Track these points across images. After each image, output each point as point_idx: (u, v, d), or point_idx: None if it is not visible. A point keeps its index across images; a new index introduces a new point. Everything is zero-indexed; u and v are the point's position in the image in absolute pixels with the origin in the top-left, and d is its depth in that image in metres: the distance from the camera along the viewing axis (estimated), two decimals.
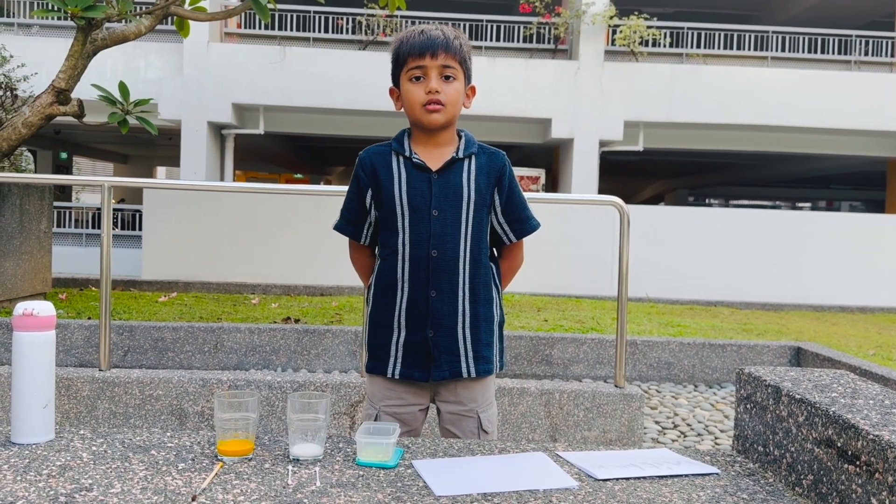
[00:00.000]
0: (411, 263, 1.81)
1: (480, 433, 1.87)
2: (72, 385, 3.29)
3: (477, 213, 1.82)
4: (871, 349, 5.43)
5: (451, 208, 1.80)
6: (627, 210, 3.44)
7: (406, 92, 1.82)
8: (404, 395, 1.85)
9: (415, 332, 1.82)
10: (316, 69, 10.99)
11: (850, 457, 1.27)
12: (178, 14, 5.41)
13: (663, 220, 9.10)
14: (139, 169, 22.48)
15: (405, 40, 1.82)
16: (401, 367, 1.83)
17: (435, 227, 1.79)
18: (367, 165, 1.86)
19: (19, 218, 5.75)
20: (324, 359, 4.55)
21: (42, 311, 1.52)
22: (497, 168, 1.87)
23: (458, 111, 1.84)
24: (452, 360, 1.82)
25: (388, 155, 1.86)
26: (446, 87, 1.79)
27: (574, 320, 6.02)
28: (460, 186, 1.82)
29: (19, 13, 11.77)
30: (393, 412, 1.84)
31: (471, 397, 1.86)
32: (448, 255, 1.80)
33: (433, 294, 1.80)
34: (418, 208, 1.80)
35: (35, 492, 1.28)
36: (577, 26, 11.36)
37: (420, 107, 1.79)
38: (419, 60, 1.79)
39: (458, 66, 1.82)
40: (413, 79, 1.80)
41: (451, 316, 1.81)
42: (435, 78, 1.79)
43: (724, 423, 3.79)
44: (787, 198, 28.54)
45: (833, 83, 11.57)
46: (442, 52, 1.78)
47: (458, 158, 1.84)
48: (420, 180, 1.81)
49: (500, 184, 1.87)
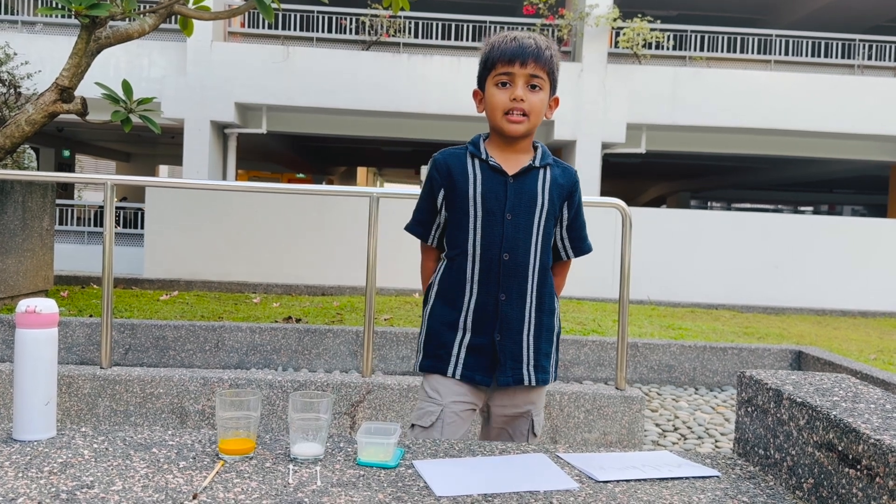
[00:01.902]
0: (482, 265, 1.80)
1: (530, 435, 1.89)
2: (73, 383, 3.29)
3: (547, 222, 1.83)
4: (873, 353, 5.42)
5: (524, 213, 1.80)
6: (629, 212, 3.45)
7: (490, 96, 1.82)
8: (469, 394, 1.84)
9: (481, 335, 1.81)
10: (319, 69, 11.00)
11: (851, 461, 1.27)
12: (182, 13, 5.42)
13: (665, 222, 9.09)
14: (142, 167, 22.52)
15: (497, 45, 1.82)
16: (462, 368, 1.82)
17: (508, 231, 1.79)
18: (442, 166, 1.86)
19: (22, 215, 5.76)
20: (325, 358, 4.55)
21: (45, 309, 1.52)
22: (570, 183, 1.89)
23: (540, 121, 1.84)
24: (516, 367, 1.82)
25: (463, 157, 1.86)
26: (531, 97, 1.79)
27: (575, 322, 6.02)
28: (535, 193, 1.81)
29: (23, 11, 11.79)
30: (459, 410, 1.83)
31: (528, 399, 1.88)
32: (519, 259, 1.80)
33: (503, 298, 1.80)
34: (492, 210, 1.80)
35: (36, 489, 1.29)
36: (581, 28, 11.37)
37: (502, 113, 1.79)
38: (508, 67, 1.78)
39: (545, 76, 1.80)
40: (499, 84, 1.80)
41: (519, 321, 1.81)
42: (521, 86, 1.78)
43: (725, 427, 3.79)
44: (790, 201, 28.53)
45: (836, 87, 11.57)
46: (532, 61, 1.77)
47: (535, 167, 1.84)
48: (496, 183, 1.81)
49: (571, 199, 1.89)
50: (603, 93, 11.37)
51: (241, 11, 5.81)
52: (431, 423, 1.81)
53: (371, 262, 3.45)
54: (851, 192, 24.44)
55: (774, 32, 12.44)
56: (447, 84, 10.97)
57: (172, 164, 22.30)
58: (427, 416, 1.83)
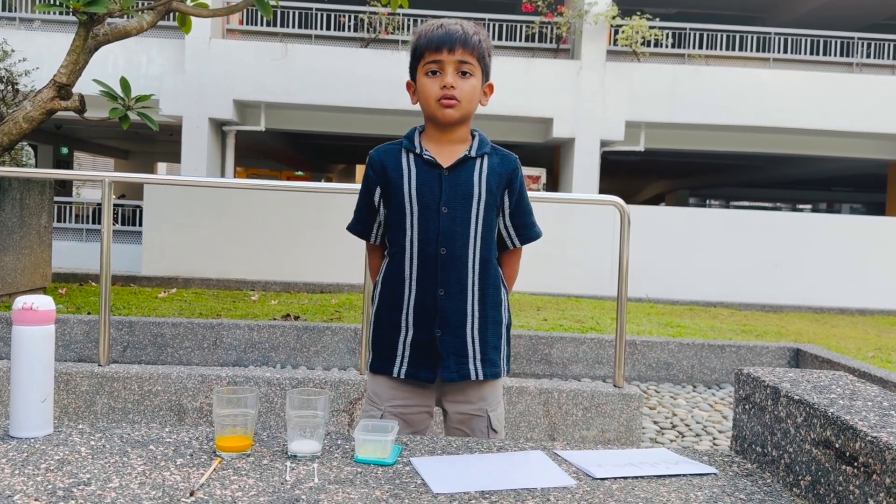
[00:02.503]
0: (419, 261, 1.78)
1: (490, 433, 1.85)
2: (71, 380, 3.29)
3: (487, 212, 1.80)
4: (871, 351, 5.43)
5: (460, 206, 1.78)
6: (628, 210, 3.45)
7: (422, 86, 1.80)
8: (410, 395, 1.83)
9: (422, 331, 1.79)
10: (318, 66, 10.98)
11: (848, 458, 1.27)
12: (181, 10, 5.41)
13: (664, 220, 9.10)
14: (140, 165, 22.48)
15: (423, 34, 1.80)
16: (407, 366, 1.80)
17: (444, 225, 1.77)
18: (377, 163, 1.84)
19: (19, 212, 5.75)
20: (323, 356, 4.55)
21: (41, 306, 1.52)
22: (509, 170, 1.85)
23: (474, 108, 1.81)
24: (461, 362, 1.79)
25: (398, 152, 1.83)
26: (462, 83, 1.77)
27: (574, 320, 6.02)
28: (471, 185, 1.79)
29: (21, 8, 11.76)
30: (399, 412, 1.81)
31: (480, 396, 1.84)
32: (457, 253, 1.78)
33: (441, 293, 1.78)
34: (427, 205, 1.77)
35: (33, 485, 1.28)
36: (580, 26, 11.36)
37: (435, 101, 1.77)
38: (436, 55, 1.76)
39: (475, 62, 1.78)
40: (429, 73, 1.78)
41: (460, 315, 1.79)
42: (451, 73, 1.76)
43: (723, 424, 3.80)
44: (788, 199, 28.54)
45: (835, 85, 11.57)
46: (460, 47, 1.75)
47: (471, 157, 1.81)
48: (430, 177, 1.79)
49: (511, 186, 1.85)
50: (602, 91, 11.37)
51: (239, 9, 5.80)
52: None
53: None
54: (850, 190, 24.44)
55: (773, 30, 12.44)
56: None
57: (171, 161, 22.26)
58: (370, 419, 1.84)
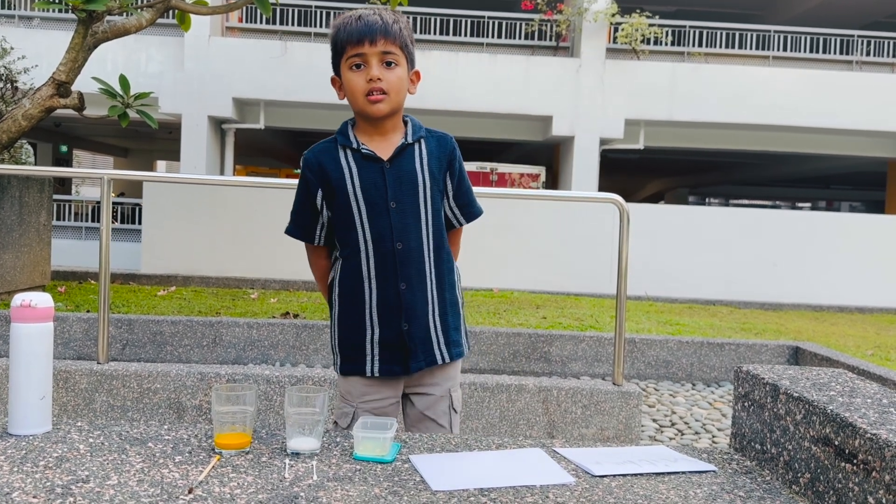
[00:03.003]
0: (376, 259, 1.76)
1: (451, 413, 1.87)
2: (70, 378, 3.29)
3: (433, 198, 1.79)
4: (870, 349, 5.43)
5: (408, 198, 1.76)
6: (627, 208, 3.44)
7: (347, 81, 1.74)
8: (382, 388, 1.83)
9: (389, 328, 1.78)
10: (317, 64, 10.96)
11: (848, 455, 1.27)
12: (180, 8, 5.40)
13: (663, 218, 9.10)
14: (139, 162, 22.47)
15: (342, 27, 1.74)
16: (380, 363, 1.79)
17: (395, 220, 1.75)
18: (314, 164, 1.79)
19: (19, 210, 5.75)
20: (322, 354, 4.55)
21: (40, 303, 1.52)
22: (448, 152, 1.83)
23: (403, 98, 1.77)
24: (427, 350, 1.80)
25: (334, 150, 1.78)
26: (388, 74, 1.72)
27: (573, 318, 6.02)
28: (414, 173, 1.76)
29: (20, 5, 11.75)
30: (371, 407, 1.82)
31: (446, 377, 1.86)
32: (412, 245, 1.76)
33: (403, 286, 1.76)
34: (374, 202, 1.74)
35: (31, 483, 1.28)
36: (579, 24, 11.35)
37: (363, 96, 1.72)
38: (358, 48, 1.71)
39: (399, 51, 1.73)
40: (353, 67, 1.72)
41: (423, 306, 1.79)
42: (376, 65, 1.71)
43: (722, 422, 3.80)
44: (787, 198, 28.55)
45: (834, 83, 11.56)
46: (381, 37, 1.70)
47: (408, 144, 1.78)
48: (372, 171, 1.75)
49: (452, 168, 1.83)
50: (601, 88, 11.36)
51: (238, 6, 5.79)
52: (348, 424, 1.81)
53: None
54: (849, 188, 24.46)
55: (773, 28, 12.43)
56: (445, 79, 10.95)
57: (170, 159, 22.25)
58: (344, 418, 1.84)
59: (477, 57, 11.48)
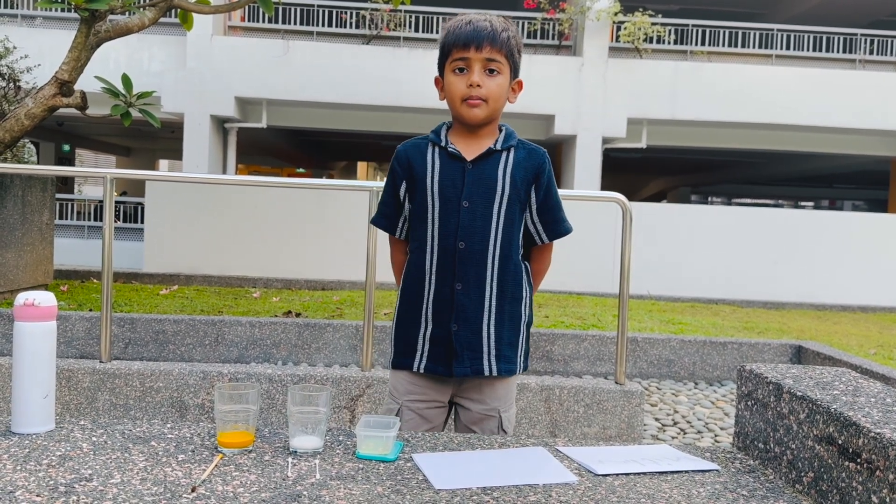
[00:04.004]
0: (439, 255, 1.77)
1: (501, 434, 1.83)
2: (73, 376, 3.29)
3: (510, 207, 1.77)
4: (873, 348, 5.42)
5: (481, 200, 1.76)
6: (630, 207, 3.44)
7: (448, 84, 1.78)
8: (427, 390, 1.82)
9: (440, 326, 1.78)
10: (319, 63, 10.97)
11: (851, 454, 1.27)
12: (182, 7, 5.40)
13: (666, 217, 9.09)
14: (141, 161, 22.49)
15: (452, 30, 1.77)
16: (426, 361, 1.79)
17: (464, 219, 1.75)
18: (403, 158, 1.83)
19: (21, 209, 5.76)
20: (324, 353, 4.56)
21: (43, 302, 1.52)
22: (536, 165, 1.82)
23: (501, 106, 1.78)
24: (475, 357, 1.77)
25: (424, 147, 1.82)
26: (489, 82, 1.74)
27: (575, 317, 6.02)
28: (494, 178, 1.77)
29: (23, 4, 11.75)
30: (416, 408, 1.81)
31: (494, 396, 1.82)
32: (475, 247, 1.75)
33: (458, 287, 1.76)
34: (448, 199, 1.76)
35: (35, 481, 1.28)
36: (582, 22, 11.33)
37: (460, 100, 1.75)
38: (463, 52, 1.73)
39: (503, 59, 1.75)
40: (456, 70, 1.75)
41: (477, 311, 1.77)
42: (478, 71, 1.73)
43: (724, 421, 3.79)
44: (790, 196, 28.49)
45: (837, 82, 11.54)
46: (487, 44, 1.72)
47: (496, 150, 1.79)
48: (453, 170, 1.77)
49: (538, 181, 1.81)
50: (603, 87, 11.35)
51: (241, 5, 5.79)
52: None
53: (371, 256, 3.45)
54: (852, 187, 24.40)
55: (776, 27, 12.40)
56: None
57: (172, 158, 22.27)
58: (389, 413, 1.84)
59: None
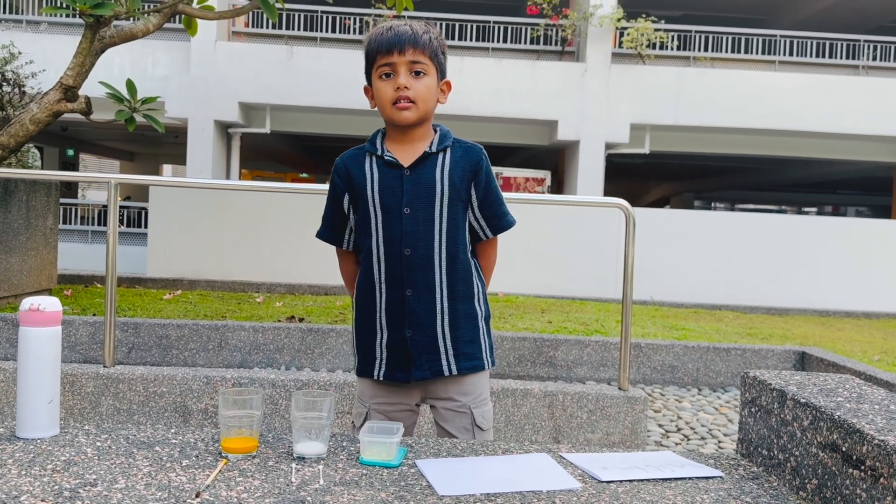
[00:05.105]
0: (386, 263, 1.79)
1: (475, 430, 1.83)
2: (76, 381, 3.30)
3: (451, 208, 1.79)
4: (876, 355, 5.41)
5: (422, 205, 1.77)
6: (633, 213, 3.44)
7: (377, 90, 1.80)
8: (391, 394, 1.85)
9: (395, 332, 1.80)
10: (323, 69, 11.00)
11: (855, 461, 1.27)
12: (186, 12, 5.42)
13: (668, 223, 9.08)
14: (145, 166, 22.54)
15: (374, 38, 1.79)
16: (385, 368, 1.82)
17: (407, 225, 1.77)
18: (342, 170, 1.84)
19: (25, 214, 5.77)
20: (327, 358, 4.56)
21: (48, 307, 1.53)
22: (473, 162, 1.83)
23: (432, 107, 1.80)
24: (433, 360, 1.79)
25: (361, 157, 1.84)
26: (416, 84, 1.75)
27: (578, 322, 6.01)
28: (433, 182, 1.78)
29: (28, 10, 11.81)
30: (382, 410, 1.84)
31: (461, 391, 1.83)
32: (421, 252, 1.77)
33: (409, 293, 1.78)
34: (390, 207, 1.77)
35: (39, 486, 1.29)
36: (585, 28, 11.36)
37: (390, 104, 1.76)
38: (387, 57, 1.76)
39: (428, 61, 1.77)
40: (383, 76, 1.78)
41: (429, 314, 1.79)
42: (404, 74, 1.75)
43: (728, 427, 3.78)
44: (793, 202, 28.47)
45: (841, 88, 11.54)
46: (410, 47, 1.74)
47: (431, 153, 1.80)
48: (392, 178, 1.78)
49: (477, 178, 1.83)
50: (606, 93, 11.36)
51: (245, 11, 5.82)
52: (361, 423, 1.83)
53: None
54: (855, 193, 24.37)
55: (779, 33, 12.42)
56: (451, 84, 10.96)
57: (176, 163, 22.32)
58: (358, 417, 1.87)
59: (482, 61, 11.48)
